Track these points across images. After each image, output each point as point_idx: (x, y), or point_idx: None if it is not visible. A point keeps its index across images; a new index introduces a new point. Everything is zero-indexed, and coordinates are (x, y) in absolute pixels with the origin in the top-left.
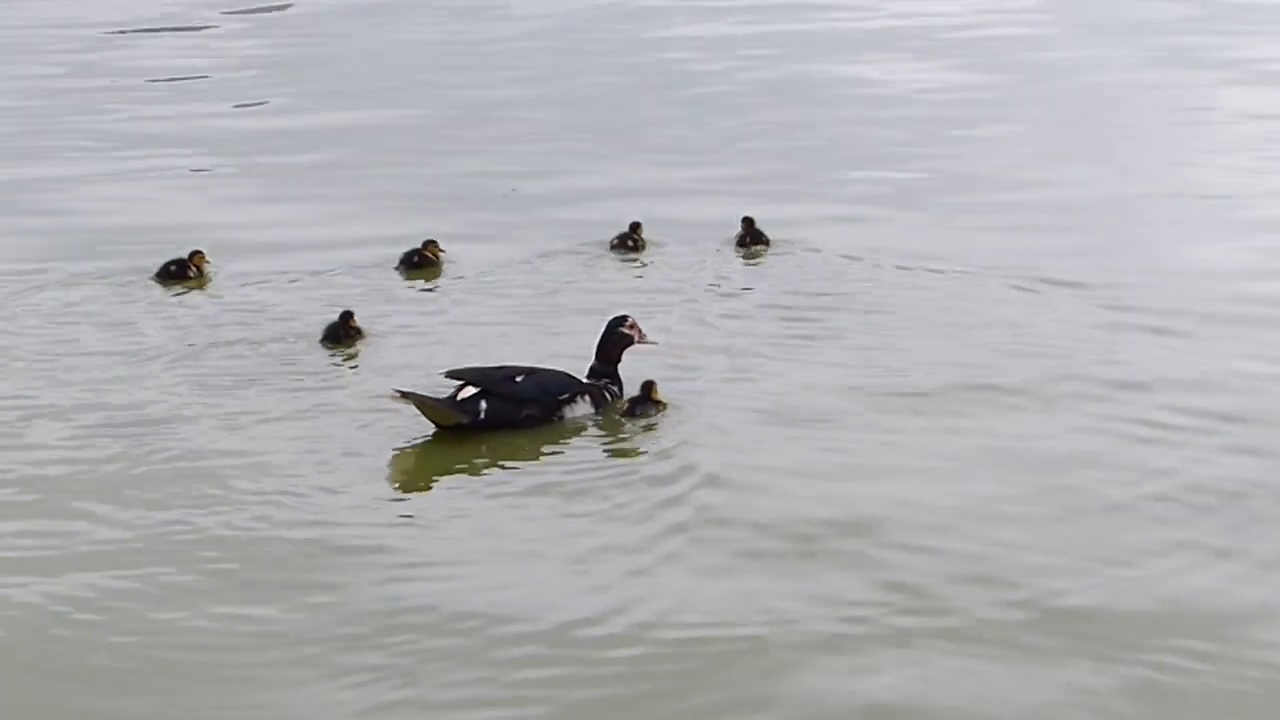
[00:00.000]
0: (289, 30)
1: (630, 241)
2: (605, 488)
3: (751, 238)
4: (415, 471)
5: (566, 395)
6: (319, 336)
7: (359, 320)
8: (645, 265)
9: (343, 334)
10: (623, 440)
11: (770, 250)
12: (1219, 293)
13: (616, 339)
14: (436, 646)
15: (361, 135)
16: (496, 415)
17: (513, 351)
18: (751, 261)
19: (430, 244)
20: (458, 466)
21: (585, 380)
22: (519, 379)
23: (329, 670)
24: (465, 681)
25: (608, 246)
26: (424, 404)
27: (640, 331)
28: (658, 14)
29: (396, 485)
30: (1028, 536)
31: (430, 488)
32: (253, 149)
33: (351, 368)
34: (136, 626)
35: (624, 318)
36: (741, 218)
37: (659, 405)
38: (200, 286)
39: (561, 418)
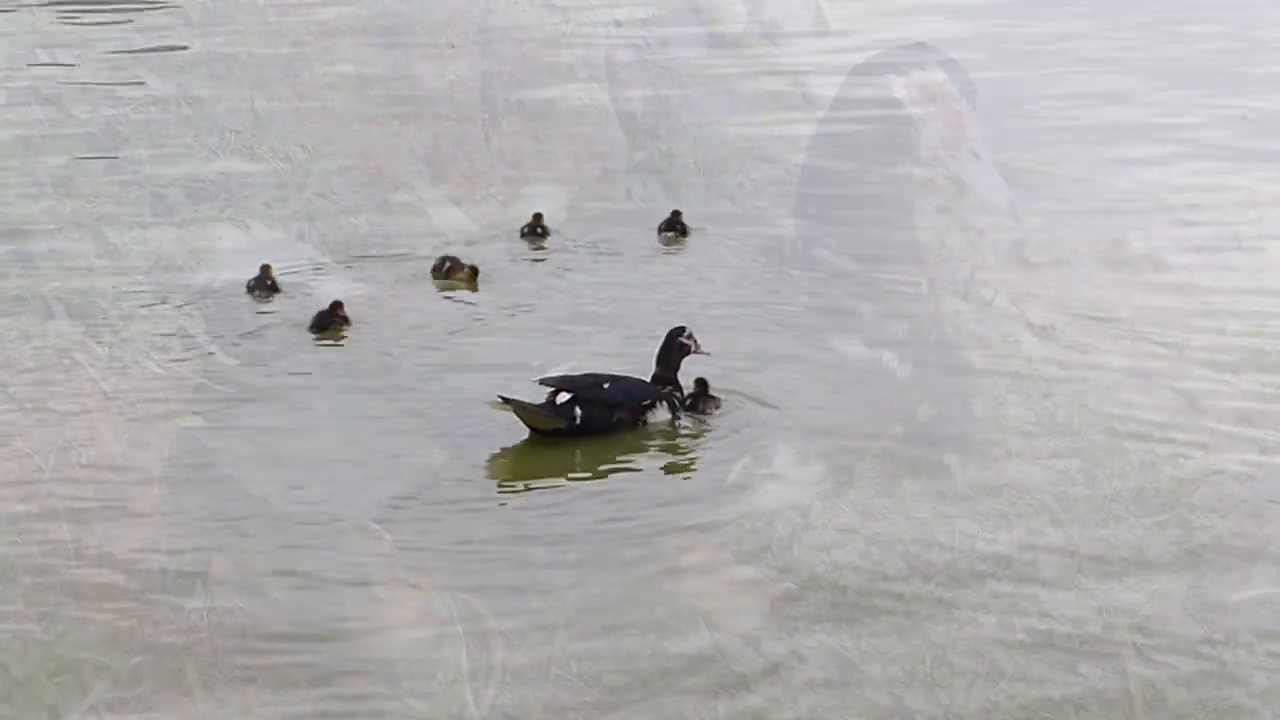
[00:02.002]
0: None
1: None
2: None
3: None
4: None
5: (649, 401)
6: (308, 325)
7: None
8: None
9: (329, 322)
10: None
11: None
12: None
13: (677, 349)
14: None
15: None
16: (591, 420)
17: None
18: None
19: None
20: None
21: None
22: (606, 385)
23: None
24: None
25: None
26: (524, 410)
27: (696, 342)
28: None
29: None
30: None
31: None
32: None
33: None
34: None
35: (683, 329)
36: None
37: (714, 401)
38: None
39: (645, 423)
